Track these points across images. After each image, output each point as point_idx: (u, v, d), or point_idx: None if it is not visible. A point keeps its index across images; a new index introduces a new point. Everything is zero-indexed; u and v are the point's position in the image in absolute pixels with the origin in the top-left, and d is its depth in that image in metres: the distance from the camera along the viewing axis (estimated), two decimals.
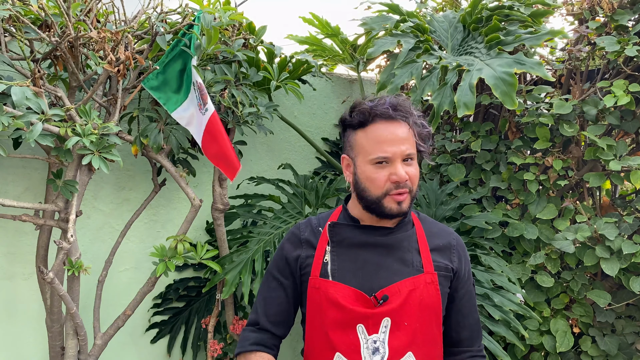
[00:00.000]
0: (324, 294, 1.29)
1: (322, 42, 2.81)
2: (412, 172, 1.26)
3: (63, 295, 1.75)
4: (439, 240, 1.39)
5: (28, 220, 1.74)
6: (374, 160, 1.25)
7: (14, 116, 1.48)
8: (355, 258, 1.32)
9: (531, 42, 1.83)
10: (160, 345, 2.39)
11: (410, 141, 1.25)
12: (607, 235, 1.92)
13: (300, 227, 1.42)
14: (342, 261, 1.32)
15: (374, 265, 1.31)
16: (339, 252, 1.33)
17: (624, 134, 2.17)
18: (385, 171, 1.24)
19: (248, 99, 2.01)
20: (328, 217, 1.43)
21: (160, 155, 1.96)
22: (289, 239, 1.42)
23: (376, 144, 1.24)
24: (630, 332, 2.04)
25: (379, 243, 1.32)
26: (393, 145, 1.23)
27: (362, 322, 1.26)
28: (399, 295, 1.27)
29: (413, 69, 1.91)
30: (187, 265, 2.43)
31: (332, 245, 1.34)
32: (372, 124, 1.26)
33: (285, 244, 1.42)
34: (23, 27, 1.63)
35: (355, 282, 1.29)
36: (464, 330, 1.40)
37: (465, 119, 2.62)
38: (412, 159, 1.26)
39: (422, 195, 2.29)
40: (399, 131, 1.24)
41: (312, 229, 1.40)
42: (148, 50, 1.82)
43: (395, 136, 1.23)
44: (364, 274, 1.30)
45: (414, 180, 1.27)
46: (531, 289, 2.14)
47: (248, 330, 1.40)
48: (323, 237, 1.36)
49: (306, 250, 1.36)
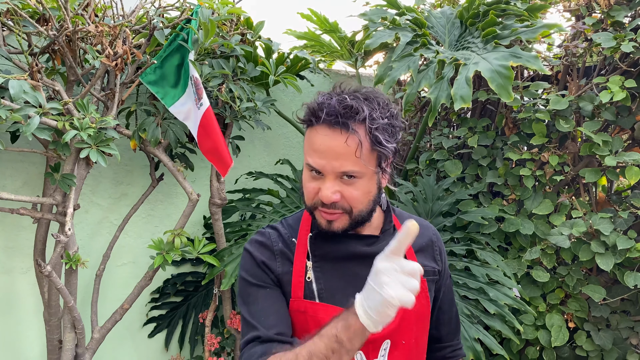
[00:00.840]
0: (311, 318, 1.10)
1: (320, 38, 2.81)
2: (349, 194, 1.03)
3: (61, 289, 1.76)
4: (421, 239, 1.25)
5: (26, 213, 1.75)
6: (307, 167, 1.06)
7: (12, 109, 1.48)
8: (342, 273, 1.12)
9: (527, 36, 1.83)
10: (158, 339, 2.40)
11: (349, 157, 0.99)
12: (603, 231, 1.93)
13: (271, 237, 1.17)
14: (328, 279, 1.12)
15: (363, 280, 1.03)
16: (324, 267, 1.13)
17: (620, 129, 2.18)
18: (316, 183, 1.04)
19: (245, 93, 2.01)
20: (297, 224, 1.20)
21: (158, 150, 1.97)
22: (257, 250, 1.15)
23: (310, 150, 1.04)
24: (625, 326, 2.05)
25: (367, 254, 1.11)
26: (324, 158, 1.01)
27: (362, 348, 1.07)
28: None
29: (410, 62, 1.92)
30: (185, 260, 2.44)
31: (315, 260, 1.13)
32: (315, 125, 1.03)
33: (255, 255, 1.14)
34: (21, 21, 1.64)
35: (346, 302, 1.00)
36: (444, 326, 1.32)
37: (462, 115, 2.63)
38: (355, 177, 1.02)
39: (419, 191, 2.30)
40: (334, 143, 0.99)
41: (284, 240, 1.17)
42: (146, 44, 1.82)
43: (327, 148, 1.00)
44: (354, 291, 1.02)
45: (352, 202, 1.04)
46: (527, 284, 2.15)
47: (250, 347, 1.08)
48: (299, 249, 1.14)
49: (282, 265, 1.13)
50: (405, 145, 2.89)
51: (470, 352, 1.80)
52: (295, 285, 1.12)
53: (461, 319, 1.87)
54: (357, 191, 1.04)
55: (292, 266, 1.13)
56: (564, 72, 2.32)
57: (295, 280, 1.12)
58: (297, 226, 1.19)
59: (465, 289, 1.95)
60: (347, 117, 0.99)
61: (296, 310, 1.11)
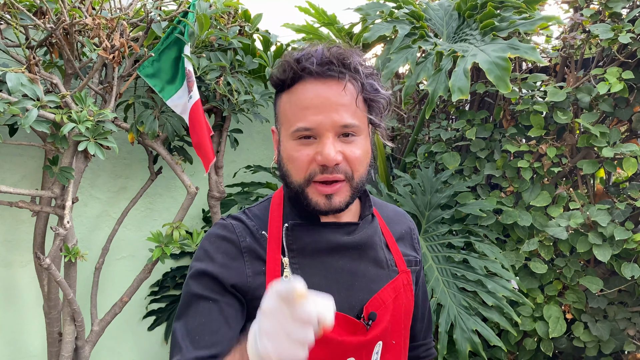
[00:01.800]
0: None
1: (318, 31, 2.81)
2: (351, 153, 0.90)
3: (60, 282, 1.76)
4: (399, 227, 1.13)
5: (25, 206, 1.75)
6: (295, 134, 0.90)
7: (10, 102, 1.48)
8: (324, 269, 0.97)
9: (525, 28, 1.83)
10: (157, 332, 2.41)
11: (349, 108, 0.89)
12: (600, 222, 1.94)
13: (236, 231, 0.98)
14: (309, 276, 0.94)
15: (348, 274, 0.98)
16: (302, 263, 0.97)
17: (618, 121, 2.18)
18: (310, 149, 0.90)
19: (243, 86, 2.01)
20: (265, 214, 1.02)
21: (156, 143, 1.97)
22: (218, 247, 0.97)
23: (299, 110, 0.90)
24: (622, 317, 2.06)
25: (349, 244, 0.99)
26: (320, 112, 0.88)
27: (354, 354, 0.95)
28: (385, 308, 1.00)
29: (408, 54, 1.92)
30: (184, 254, 2.45)
31: (292, 256, 0.96)
32: (297, 84, 0.91)
33: (213, 254, 0.96)
34: (18, 14, 1.64)
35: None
36: (418, 322, 1.20)
37: (460, 107, 2.63)
38: (354, 134, 0.91)
39: (418, 183, 2.31)
40: (330, 92, 0.88)
41: (251, 233, 0.99)
42: (143, 37, 1.82)
43: (324, 100, 0.88)
44: (339, 288, 0.96)
45: (354, 164, 0.91)
46: (525, 275, 2.16)
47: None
48: (272, 244, 0.97)
49: (251, 264, 0.95)
50: (403, 138, 2.89)
51: (468, 343, 1.81)
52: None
53: (459, 310, 1.88)
54: (359, 150, 0.92)
55: (264, 265, 0.95)
56: (562, 63, 2.32)
57: (270, 281, 0.94)
58: (266, 217, 1.01)
59: (463, 281, 1.96)
60: (339, 64, 0.90)
61: None
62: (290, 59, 0.92)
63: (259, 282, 0.94)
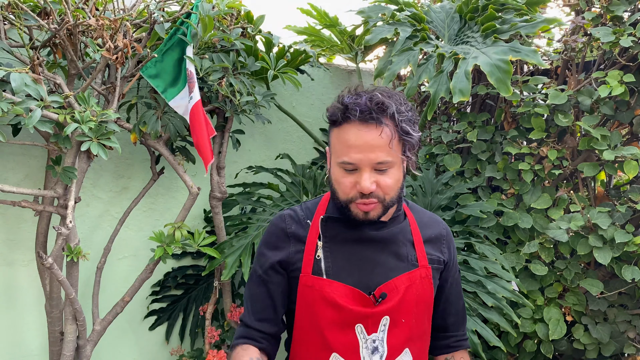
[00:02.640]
0: (318, 292, 1.22)
1: (320, 33, 2.82)
2: (384, 182, 1.14)
3: (62, 281, 1.77)
4: (430, 231, 1.35)
5: (27, 206, 1.76)
6: (341, 165, 1.16)
7: (13, 102, 1.49)
8: (349, 254, 1.25)
9: (527, 30, 1.84)
10: (159, 332, 2.42)
11: (383, 148, 1.11)
12: (600, 225, 1.94)
13: (286, 220, 1.30)
14: (336, 258, 1.24)
15: (369, 261, 1.24)
16: (332, 248, 1.25)
17: (619, 124, 2.19)
18: (352, 178, 1.15)
19: (246, 87, 2.02)
20: (314, 207, 1.32)
21: (159, 143, 1.98)
22: (273, 232, 1.31)
23: (344, 147, 1.14)
24: (622, 320, 2.06)
25: (374, 238, 1.25)
26: (361, 152, 1.11)
27: (362, 322, 1.21)
28: (396, 292, 1.23)
29: (410, 57, 1.92)
30: (186, 254, 2.45)
31: (325, 241, 1.25)
32: (344, 124, 1.14)
33: (269, 239, 1.31)
34: (22, 14, 1.65)
35: (351, 280, 1.22)
36: (451, 316, 1.41)
37: (461, 109, 2.64)
38: (388, 167, 1.14)
39: (419, 185, 2.31)
40: (369, 137, 1.11)
41: (299, 221, 1.30)
42: (146, 38, 1.83)
43: (364, 142, 1.11)
44: (359, 271, 1.23)
45: (386, 190, 1.15)
46: (525, 277, 2.16)
47: (238, 327, 1.35)
48: (312, 230, 1.27)
49: (294, 245, 1.27)
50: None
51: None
52: (306, 263, 1.24)
53: None
54: (390, 179, 1.15)
55: (304, 245, 1.25)
56: (563, 66, 2.33)
57: (306, 258, 1.24)
58: (315, 209, 1.31)
59: (463, 282, 1.96)
60: (379, 112, 1.11)
61: (304, 285, 1.24)
62: (340, 103, 1.15)
63: (298, 258, 1.25)
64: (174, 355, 2.31)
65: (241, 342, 1.29)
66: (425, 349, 1.36)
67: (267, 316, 1.29)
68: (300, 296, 1.25)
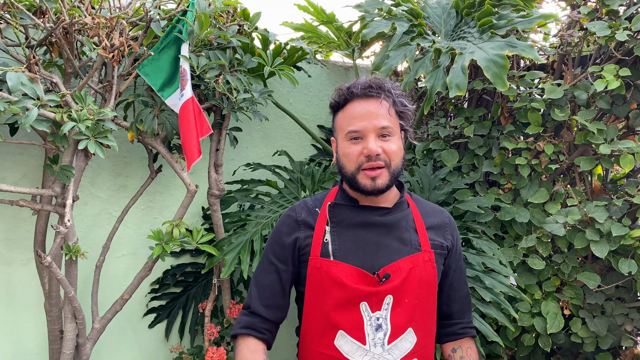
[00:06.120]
0: (325, 273, 1.31)
1: (317, 29, 2.82)
2: (387, 147, 1.28)
3: (61, 279, 1.77)
4: (434, 219, 1.44)
5: (25, 205, 1.76)
6: (348, 136, 1.29)
7: (10, 101, 1.49)
8: (355, 238, 1.33)
9: (523, 26, 1.84)
10: (158, 329, 2.43)
11: (385, 116, 1.28)
12: (597, 218, 1.95)
13: (296, 209, 1.42)
14: (342, 241, 1.33)
15: (374, 244, 1.33)
16: (339, 232, 1.34)
17: (615, 118, 2.19)
18: (359, 146, 1.28)
19: (242, 85, 2.02)
20: (324, 197, 1.44)
21: (156, 141, 1.98)
22: (284, 222, 1.42)
23: (350, 119, 1.29)
24: (620, 313, 2.07)
25: (378, 223, 1.34)
26: (364, 119, 1.27)
27: (366, 300, 1.29)
28: (399, 273, 1.30)
29: (407, 51, 1.92)
30: (184, 251, 2.46)
31: (332, 226, 1.35)
32: (348, 104, 1.31)
33: (281, 227, 1.41)
34: (18, 13, 1.64)
35: (356, 261, 1.31)
36: (455, 303, 1.47)
37: (458, 104, 2.64)
38: (389, 135, 1.29)
39: (416, 181, 2.32)
40: (371, 107, 1.28)
41: (308, 210, 1.41)
42: (143, 36, 1.83)
43: (367, 111, 1.28)
44: (364, 253, 1.32)
45: (390, 155, 1.29)
46: (523, 272, 2.17)
47: (242, 314, 1.42)
48: (321, 217, 1.37)
49: (304, 231, 1.37)
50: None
51: None
52: (315, 246, 1.34)
53: None
54: (394, 145, 1.29)
55: (313, 231, 1.36)
56: (559, 61, 2.33)
57: (315, 241, 1.34)
58: (323, 199, 1.43)
59: None
60: (377, 87, 1.29)
61: (313, 267, 1.33)
62: (344, 87, 1.33)
63: (307, 242, 1.36)
64: (174, 353, 2.32)
65: (244, 332, 1.37)
66: (431, 334, 1.40)
67: (275, 302, 1.38)
68: (309, 278, 1.34)
